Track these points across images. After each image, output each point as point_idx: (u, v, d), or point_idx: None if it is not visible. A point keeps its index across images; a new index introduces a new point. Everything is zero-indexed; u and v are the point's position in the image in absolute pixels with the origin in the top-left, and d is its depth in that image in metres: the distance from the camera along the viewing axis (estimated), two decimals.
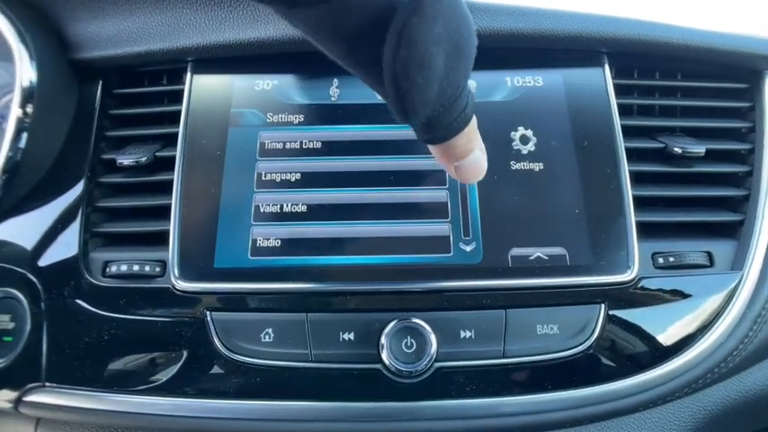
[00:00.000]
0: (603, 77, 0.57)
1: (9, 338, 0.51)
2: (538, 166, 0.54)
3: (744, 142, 0.59)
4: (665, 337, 0.51)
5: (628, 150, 0.55)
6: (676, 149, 0.56)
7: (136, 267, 0.52)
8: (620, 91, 0.58)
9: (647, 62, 0.61)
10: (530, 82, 0.57)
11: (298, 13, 0.31)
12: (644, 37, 0.57)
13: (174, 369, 0.50)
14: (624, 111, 0.57)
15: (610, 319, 0.50)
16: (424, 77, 0.31)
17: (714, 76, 0.62)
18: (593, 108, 0.56)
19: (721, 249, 0.55)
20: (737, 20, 0.64)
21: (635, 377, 0.50)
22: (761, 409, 0.57)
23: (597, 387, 0.50)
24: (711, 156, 0.57)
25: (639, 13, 0.59)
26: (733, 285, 0.53)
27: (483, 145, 0.41)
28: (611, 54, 0.58)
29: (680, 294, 0.52)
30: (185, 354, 0.50)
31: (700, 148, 0.56)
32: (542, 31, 0.56)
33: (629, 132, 0.56)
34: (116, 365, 0.50)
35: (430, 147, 0.39)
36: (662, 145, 0.57)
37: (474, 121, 0.38)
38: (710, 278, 0.53)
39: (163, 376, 0.50)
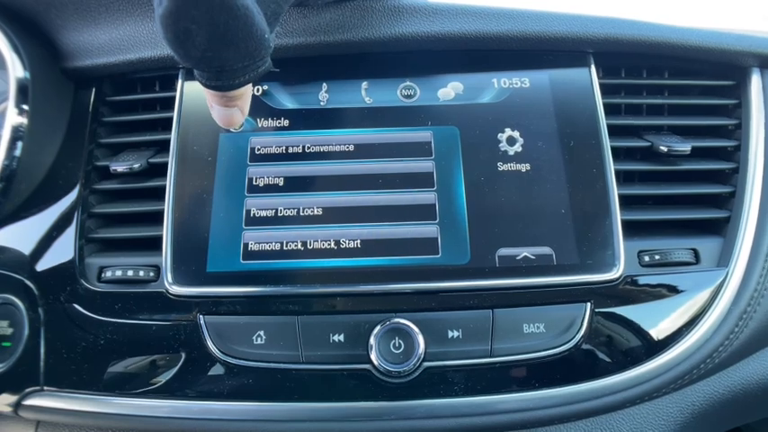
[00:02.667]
0: (590, 77, 0.58)
1: (8, 344, 0.52)
2: (525, 167, 0.55)
3: (730, 139, 0.60)
4: (652, 334, 0.52)
5: (614, 149, 0.55)
6: (662, 148, 0.56)
7: (130, 272, 0.53)
8: (607, 90, 0.58)
9: (633, 61, 0.61)
10: (516, 83, 0.58)
11: None
12: (629, 36, 0.57)
13: (168, 372, 0.51)
14: (611, 110, 0.58)
15: (596, 317, 0.51)
16: (178, 37, 0.36)
17: (701, 74, 0.62)
18: (579, 108, 0.57)
19: (707, 246, 0.55)
20: (723, 17, 0.64)
21: (622, 374, 0.51)
22: (748, 403, 0.58)
23: (584, 384, 0.51)
24: (698, 153, 0.58)
25: (625, 12, 0.59)
26: (719, 282, 0.54)
27: (246, 110, 0.48)
28: (597, 54, 0.59)
29: (666, 292, 0.53)
30: (180, 357, 0.51)
31: (685, 147, 0.56)
32: (528, 32, 0.56)
33: (615, 131, 0.57)
34: (113, 369, 0.52)
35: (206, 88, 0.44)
36: (648, 143, 0.57)
37: (247, 90, 0.45)
38: (696, 275, 0.54)
39: (158, 379, 0.51)
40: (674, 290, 0.53)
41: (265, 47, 0.41)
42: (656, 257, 0.54)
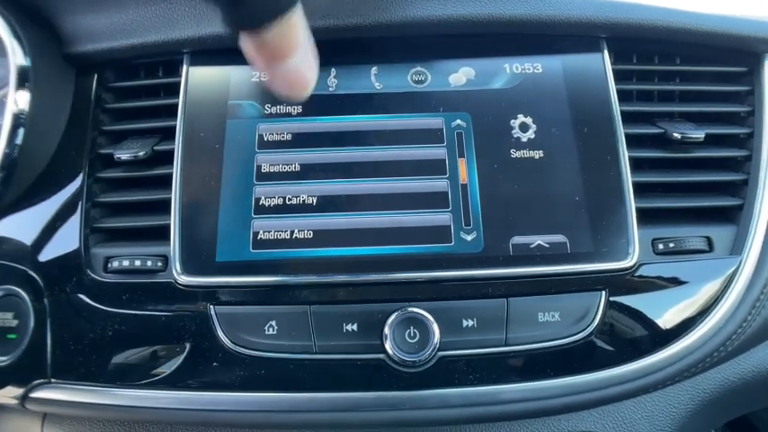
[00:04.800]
0: (603, 63, 0.57)
1: (13, 336, 0.51)
2: (538, 154, 0.54)
3: (743, 126, 0.59)
4: (665, 323, 0.52)
5: (627, 136, 0.54)
6: (675, 135, 0.55)
7: (137, 263, 0.52)
8: (619, 76, 0.57)
9: (645, 47, 0.60)
10: (529, 69, 0.57)
11: None
12: (642, 21, 0.56)
13: (178, 363, 0.50)
14: (623, 96, 0.57)
15: (611, 305, 0.51)
16: None
17: (713, 60, 0.61)
18: (592, 94, 0.56)
19: (720, 234, 0.55)
20: (731, 3, 0.63)
21: (635, 362, 0.51)
22: (758, 390, 0.58)
23: (598, 373, 0.50)
24: (711, 140, 0.57)
25: None
26: (732, 270, 0.53)
27: (312, 55, 0.35)
28: (609, 39, 0.58)
29: (679, 280, 0.53)
30: (190, 347, 0.50)
31: (699, 134, 0.56)
32: (541, 16, 0.55)
33: (628, 118, 0.56)
34: (121, 360, 0.51)
35: (242, 41, 0.33)
36: (661, 130, 0.56)
37: (298, 16, 0.32)
38: (710, 263, 0.54)
39: (168, 370, 0.50)
40: (687, 278, 0.53)
41: None
42: (671, 245, 0.53)
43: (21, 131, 0.53)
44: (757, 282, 0.53)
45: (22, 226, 0.55)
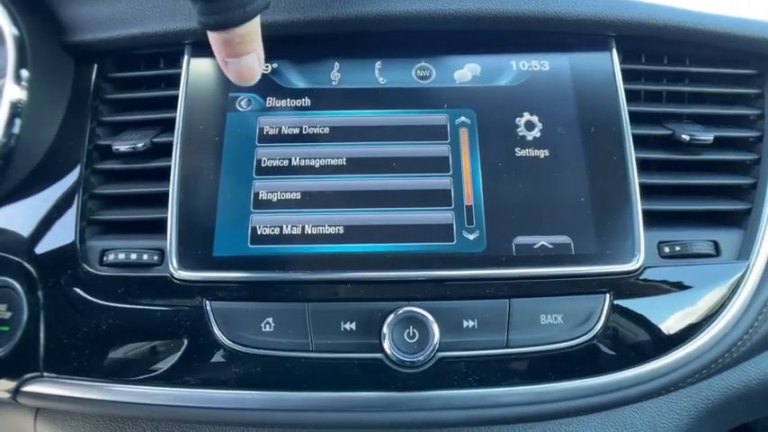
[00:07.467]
0: (611, 62, 0.56)
1: (6, 328, 0.50)
2: (543, 153, 0.53)
3: (752, 130, 0.58)
4: (670, 328, 0.51)
5: (634, 137, 0.53)
6: (684, 137, 0.55)
7: (134, 256, 0.51)
8: (627, 76, 0.56)
9: (655, 47, 0.59)
10: (536, 66, 0.56)
11: None
12: (652, 20, 0.55)
13: (173, 359, 0.49)
14: (631, 96, 0.56)
15: (615, 308, 0.50)
16: None
17: (723, 62, 0.60)
18: (599, 94, 0.55)
19: (727, 238, 0.54)
20: (745, 4, 0.62)
21: (639, 367, 0.50)
22: (762, 399, 0.57)
23: (600, 377, 0.49)
24: (719, 143, 0.56)
25: None
26: (739, 275, 0.52)
27: (262, 55, 0.46)
28: (618, 38, 0.57)
29: (685, 284, 0.52)
30: (184, 343, 0.49)
31: (708, 136, 0.55)
32: (549, 13, 0.54)
33: (636, 119, 0.55)
34: (115, 355, 0.50)
35: (209, 34, 0.42)
36: (669, 132, 0.56)
37: (257, 23, 0.42)
38: (716, 267, 0.53)
39: (162, 366, 0.49)
40: (693, 282, 0.52)
41: None
42: (677, 249, 0.52)
43: (18, 121, 0.53)
44: (764, 288, 0.52)
45: (18, 217, 0.54)
